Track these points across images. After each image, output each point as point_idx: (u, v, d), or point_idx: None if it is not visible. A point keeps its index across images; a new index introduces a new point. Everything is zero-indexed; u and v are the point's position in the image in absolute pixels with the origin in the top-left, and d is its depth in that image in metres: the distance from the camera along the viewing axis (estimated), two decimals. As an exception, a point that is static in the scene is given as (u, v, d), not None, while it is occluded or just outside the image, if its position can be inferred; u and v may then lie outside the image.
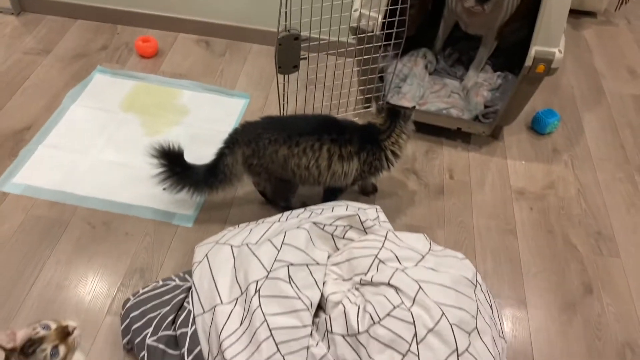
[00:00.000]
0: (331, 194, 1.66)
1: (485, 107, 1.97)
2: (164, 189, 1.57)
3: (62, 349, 0.99)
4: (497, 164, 1.93)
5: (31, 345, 0.96)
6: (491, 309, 1.32)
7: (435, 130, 1.99)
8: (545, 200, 1.82)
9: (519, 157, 1.96)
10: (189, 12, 2.28)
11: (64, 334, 1.00)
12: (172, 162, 1.55)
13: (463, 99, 2.03)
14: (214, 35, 2.32)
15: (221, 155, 1.52)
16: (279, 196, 1.65)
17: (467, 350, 1.16)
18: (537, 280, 1.59)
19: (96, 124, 1.91)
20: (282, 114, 1.81)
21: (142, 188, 1.70)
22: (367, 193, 1.78)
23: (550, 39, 1.62)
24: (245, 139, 1.50)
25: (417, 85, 2.02)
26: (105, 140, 1.86)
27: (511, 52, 2.03)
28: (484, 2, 1.73)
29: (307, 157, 1.50)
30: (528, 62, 1.65)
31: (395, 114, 1.55)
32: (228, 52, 2.27)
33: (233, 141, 1.52)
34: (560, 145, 2.02)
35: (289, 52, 1.60)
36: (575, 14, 2.67)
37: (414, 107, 1.64)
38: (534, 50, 1.64)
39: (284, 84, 1.71)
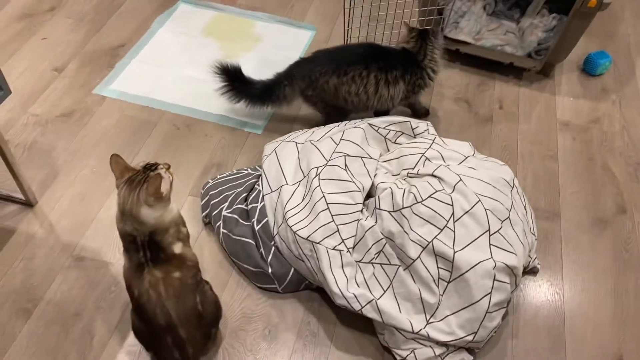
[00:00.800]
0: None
1: (539, 44, 2.06)
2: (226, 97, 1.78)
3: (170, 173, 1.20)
4: (545, 98, 2.03)
5: (151, 166, 1.18)
6: (525, 209, 1.47)
7: (489, 65, 2.11)
8: (589, 133, 1.92)
9: (567, 94, 2.05)
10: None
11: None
12: (231, 77, 1.75)
13: (518, 37, 2.13)
14: (287, -26, 2.49)
15: (279, 84, 1.70)
16: (336, 119, 1.81)
17: (498, 231, 1.32)
18: (573, 198, 1.72)
19: (180, 46, 2.14)
20: (345, 43, 1.97)
21: (219, 100, 1.91)
22: (419, 115, 1.93)
23: (603, -27, 1.70)
24: (300, 74, 1.69)
25: (474, 22, 2.13)
26: (187, 59, 2.09)
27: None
28: None
29: (356, 84, 1.66)
30: (580, -5, 1.75)
31: (424, 33, 1.70)
32: (299, -11, 2.44)
33: (291, 75, 1.70)
34: (610, 86, 2.09)
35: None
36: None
37: (442, 28, 1.76)
38: (586, -17, 1.73)
39: (349, 19, 1.86)
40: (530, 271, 1.50)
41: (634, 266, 1.56)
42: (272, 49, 2.15)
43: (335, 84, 1.66)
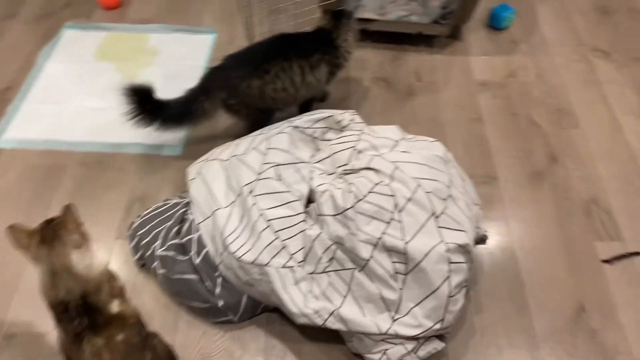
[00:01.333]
0: (306, 107, 1.76)
1: (443, 9, 2.05)
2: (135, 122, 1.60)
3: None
4: (460, 62, 2.03)
5: (51, 220, 1.06)
6: (462, 181, 1.45)
7: (398, 38, 2.08)
8: (508, 88, 1.93)
9: (479, 53, 2.06)
10: (145, -42, 2.29)
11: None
12: (141, 100, 1.58)
13: (421, 4, 2.10)
14: (173, -21, 2.35)
15: (196, 99, 1.57)
16: (259, 127, 1.69)
17: (443, 212, 1.29)
18: (506, 157, 1.72)
19: (73, 76, 1.97)
20: (249, 41, 1.88)
21: (129, 128, 1.77)
22: (323, 99, 1.87)
23: None
24: (218, 85, 1.57)
25: (376, -2, 2.09)
26: (86, 89, 1.92)
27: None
28: None
29: (281, 79, 1.58)
30: (474, -46, 1.73)
31: (337, 14, 1.66)
32: (189, -7, 2.31)
33: (207, 88, 1.57)
34: (518, 37, 2.12)
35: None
36: None
37: (354, 8, 1.72)
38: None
39: (247, 12, 1.77)
40: (480, 241, 1.49)
41: (576, 212, 1.58)
42: (174, 60, 2.02)
43: (259, 86, 1.57)
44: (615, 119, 1.82)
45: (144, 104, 1.59)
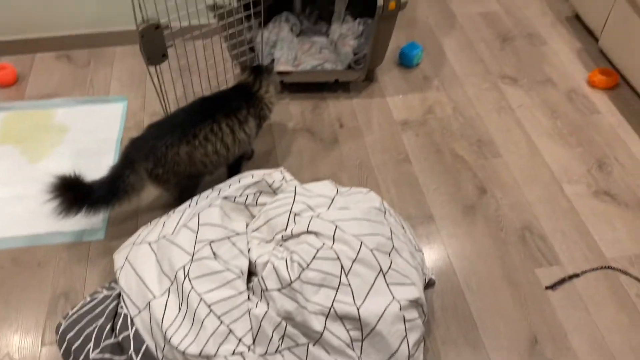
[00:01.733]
0: (236, 167, 1.70)
1: (355, 54, 2.07)
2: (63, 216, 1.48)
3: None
4: (378, 103, 2.04)
5: None
6: (403, 229, 1.43)
7: (316, 87, 2.07)
8: (428, 125, 1.96)
9: (396, 93, 2.09)
10: (41, 29, 2.17)
11: None
12: (68, 192, 1.45)
13: (333, 52, 2.11)
14: (74, 48, 2.23)
15: (121, 175, 1.48)
16: (189, 194, 1.62)
17: (390, 268, 1.26)
18: (437, 195, 1.73)
19: (-28, 166, 1.79)
20: (163, 106, 1.80)
21: (42, 215, 1.64)
22: (249, 157, 1.83)
23: (393, -24, 1.73)
24: (142, 155, 1.48)
25: (287, 49, 2.07)
26: (-13, 179, 1.75)
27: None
28: None
29: (212, 142, 1.53)
30: (379, 1, 1.76)
31: (257, 69, 1.67)
32: (93, 61, 2.19)
33: (130, 161, 1.49)
34: (429, 73, 2.17)
35: (153, 43, 1.59)
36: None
37: (272, 60, 1.72)
38: (381, -11, 1.74)
39: (157, 77, 1.70)
40: (428, 286, 1.47)
41: (513, 241, 1.61)
42: (84, 135, 1.89)
43: (188, 152, 1.51)
44: (532, 143, 1.89)
45: (68, 192, 1.46)
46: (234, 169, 1.70)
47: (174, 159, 1.50)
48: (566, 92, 2.07)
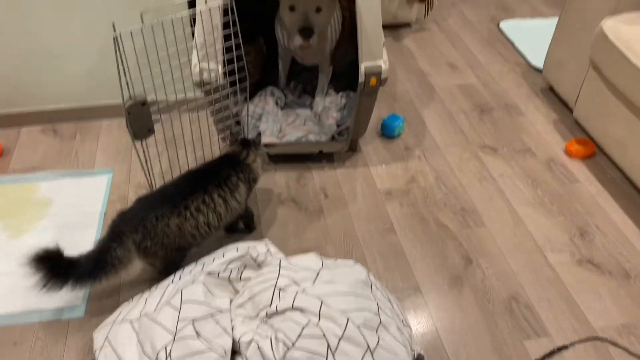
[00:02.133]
0: (233, 227, 1.76)
1: (338, 126, 2.11)
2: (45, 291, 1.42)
3: None
4: (362, 173, 2.07)
5: None
6: (390, 302, 1.41)
7: (300, 158, 2.09)
8: (411, 194, 1.98)
9: (378, 163, 2.11)
10: (28, 104, 2.19)
11: None
12: (51, 265, 1.41)
13: (317, 124, 2.15)
14: (60, 121, 2.25)
15: (108, 249, 1.45)
16: (175, 267, 1.60)
17: (378, 345, 1.23)
18: (424, 265, 1.72)
19: (-50, 241, 1.75)
20: (148, 179, 1.80)
21: (19, 292, 1.59)
22: (250, 226, 1.82)
23: (373, 54, 1.79)
24: (131, 227, 1.47)
25: (272, 121, 2.11)
26: (-35, 255, 1.71)
27: (348, 73, 2.20)
28: (309, 37, 1.87)
29: (204, 213, 1.54)
30: (361, 78, 1.81)
31: (246, 142, 1.71)
32: (79, 134, 2.20)
33: (118, 233, 1.46)
34: (411, 143, 2.21)
35: (140, 119, 1.60)
36: (393, 27, 2.96)
37: (259, 134, 1.76)
38: (363, 66, 1.80)
39: (143, 150, 1.71)
40: (417, 361, 1.44)
41: (500, 312, 1.59)
42: (68, 208, 1.87)
43: (178, 224, 1.50)
44: (514, 212, 1.91)
45: (52, 267, 1.41)
46: (232, 229, 1.77)
47: (163, 231, 1.49)
48: (545, 161, 2.12)
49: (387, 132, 2.23)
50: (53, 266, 1.41)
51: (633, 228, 1.85)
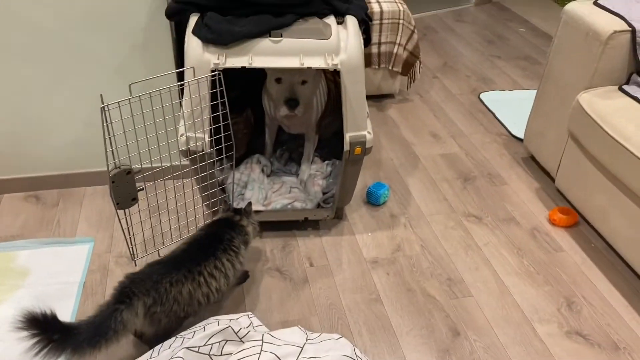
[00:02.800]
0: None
1: (324, 193, 2.11)
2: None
3: None
4: (347, 241, 2.05)
5: None
6: (377, 378, 1.36)
7: (285, 225, 2.07)
8: (397, 263, 1.95)
9: (364, 230, 2.10)
10: (11, 171, 2.17)
11: None
12: (46, 328, 1.33)
13: (302, 191, 2.15)
14: (43, 188, 2.22)
15: (114, 311, 1.39)
16: (165, 338, 1.50)
17: None
18: (412, 338, 1.68)
19: None
20: (130, 248, 1.77)
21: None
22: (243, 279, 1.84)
23: (358, 125, 1.82)
24: (143, 289, 1.44)
25: (258, 189, 2.11)
26: None
27: (333, 141, 2.23)
28: (294, 107, 1.90)
29: (216, 278, 1.56)
30: (346, 147, 1.83)
31: (237, 210, 1.75)
32: (61, 201, 2.18)
33: (128, 295, 1.42)
34: (396, 211, 2.21)
35: (124, 187, 1.59)
36: (377, 98, 3.03)
37: (250, 202, 1.80)
38: (348, 136, 1.82)
39: (126, 219, 1.69)
40: None
41: (490, 387, 1.54)
42: (47, 278, 1.81)
43: (190, 290, 1.51)
44: (500, 281, 1.89)
45: (47, 331, 1.32)
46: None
47: (175, 298, 1.48)
48: (529, 230, 2.12)
49: (372, 200, 2.23)
50: (48, 330, 1.32)
51: (619, 298, 1.83)
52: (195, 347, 1.34)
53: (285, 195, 2.12)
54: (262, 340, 1.36)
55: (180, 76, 1.84)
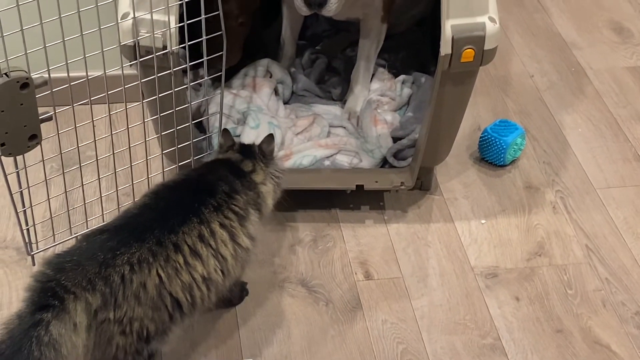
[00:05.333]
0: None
1: (395, 139, 2.12)
2: None
3: None
4: (439, 233, 2.08)
5: None
6: None
7: (320, 199, 2.12)
8: (537, 278, 1.98)
9: (473, 215, 2.12)
10: None
11: None
12: None
13: (353, 132, 2.17)
14: None
15: (33, 326, 1.43)
16: None
17: None
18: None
19: None
20: (22, 230, 1.83)
21: None
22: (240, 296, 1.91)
23: (471, 3, 1.81)
24: (81, 280, 1.48)
25: (267, 127, 2.13)
26: None
27: (415, 39, 2.23)
28: (321, 6, 1.90)
29: (201, 257, 1.59)
30: (445, 48, 1.82)
31: (248, 150, 1.80)
32: None
33: (55, 294, 1.47)
34: (537, 178, 2.23)
35: (15, 114, 1.63)
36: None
37: (271, 135, 1.82)
38: (449, 26, 1.82)
39: (17, 175, 1.73)
40: None
41: None
42: None
43: (163, 277, 1.54)
44: None
45: None
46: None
47: (136, 292, 1.51)
48: None
49: (490, 154, 2.24)
50: None
51: None
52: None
53: (320, 140, 2.14)
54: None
55: None
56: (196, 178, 1.73)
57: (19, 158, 1.72)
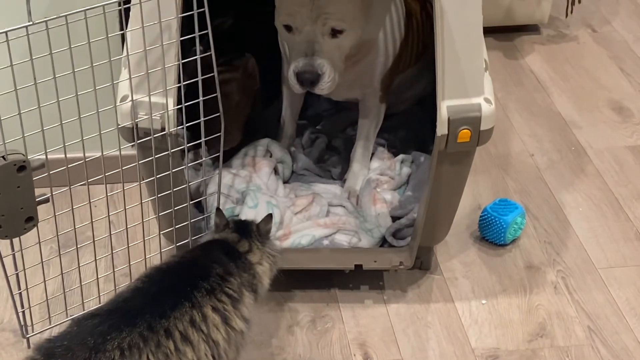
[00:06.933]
0: None
1: (394, 218, 2.13)
2: None
3: None
4: (439, 314, 2.07)
5: None
6: None
7: (318, 279, 2.11)
8: (539, 360, 1.97)
9: (473, 295, 2.12)
10: None
11: None
12: None
13: (352, 211, 2.17)
14: None
15: None
16: None
17: None
18: None
19: None
20: (18, 313, 1.82)
21: None
22: None
23: (465, 86, 1.83)
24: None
25: (265, 206, 2.13)
26: None
27: (414, 117, 2.25)
28: (313, 84, 1.95)
29: (192, 342, 1.57)
30: (441, 129, 1.84)
31: (243, 227, 1.79)
32: None
33: None
34: (538, 257, 2.22)
35: (12, 196, 1.64)
36: (506, 32, 3.03)
37: (270, 215, 1.82)
38: (445, 107, 1.83)
39: (14, 257, 1.73)
40: None
41: None
42: None
43: None
44: None
45: None
46: None
47: None
48: None
49: (490, 233, 2.24)
50: None
51: None
52: None
53: (319, 219, 2.15)
54: None
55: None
56: (190, 260, 1.73)
57: (16, 240, 1.73)
